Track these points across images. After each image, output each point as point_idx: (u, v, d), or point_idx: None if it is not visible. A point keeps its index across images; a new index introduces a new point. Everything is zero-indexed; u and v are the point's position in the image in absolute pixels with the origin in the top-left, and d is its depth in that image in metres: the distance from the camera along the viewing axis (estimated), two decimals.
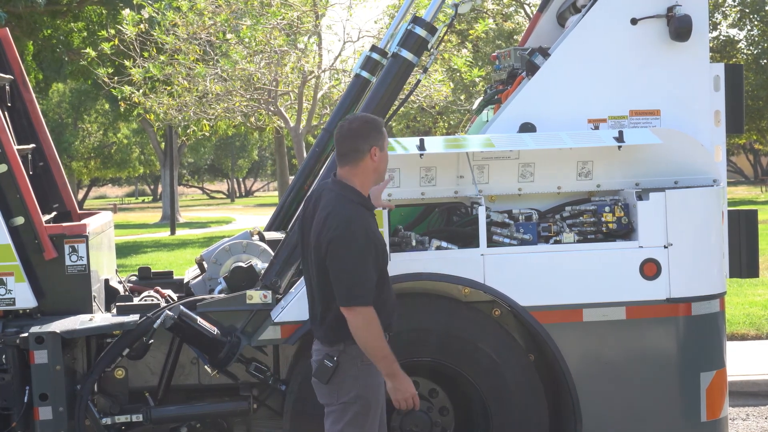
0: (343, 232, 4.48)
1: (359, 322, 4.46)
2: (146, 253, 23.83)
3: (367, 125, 4.61)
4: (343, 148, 4.62)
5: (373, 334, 4.47)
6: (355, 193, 4.59)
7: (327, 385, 4.61)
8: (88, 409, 5.52)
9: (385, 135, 4.66)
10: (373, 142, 4.58)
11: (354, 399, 4.57)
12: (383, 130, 4.65)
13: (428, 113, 27.07)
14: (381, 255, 4.58)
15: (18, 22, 23.51)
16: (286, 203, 6.79)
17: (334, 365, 4.56)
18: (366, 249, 4.49)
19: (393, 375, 4.52)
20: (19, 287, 5.68)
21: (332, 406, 4.62)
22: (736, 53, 39.10)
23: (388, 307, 4.67)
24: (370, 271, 4.50)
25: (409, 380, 4.56)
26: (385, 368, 4.52)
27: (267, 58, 17.25)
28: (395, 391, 4.53)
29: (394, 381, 4.53)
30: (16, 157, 5.84)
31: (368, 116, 4.75)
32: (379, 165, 4.62)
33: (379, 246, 4.57)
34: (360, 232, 4.48)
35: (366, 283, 4.48)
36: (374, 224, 4.61)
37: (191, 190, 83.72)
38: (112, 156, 50.67)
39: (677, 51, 5.69)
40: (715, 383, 5.61)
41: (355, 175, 4.60)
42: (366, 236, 4.49)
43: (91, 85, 28.66)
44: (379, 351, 4.49)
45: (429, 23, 5.72)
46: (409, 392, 4.54)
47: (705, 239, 5.60)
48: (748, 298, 12.50)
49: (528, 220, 5.57)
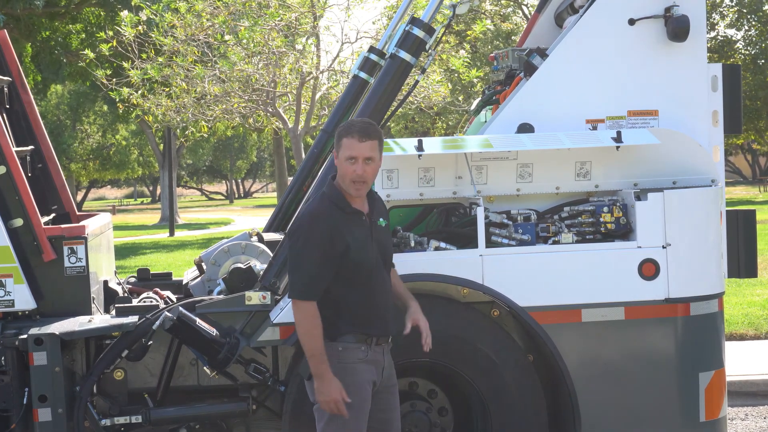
0: (298, 226, 4.68)
1: (297, 315, 4.62)
2: (145, 255, 23.82)
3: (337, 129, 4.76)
4: None
5: (307, 329, 4.58)
6: (334, 191, 4.70)
7: (309, 382, 4.70)
8: (87, 410, 5.51)
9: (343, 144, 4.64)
10: (335, 147, 4.73)
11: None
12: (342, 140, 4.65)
13: (426, 114, 27.07)
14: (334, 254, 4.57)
15: (16, 23, 23.52)
16: (285, 204, 6.79)
17: None
18: (312, 244, 4.56)
19: (319, 376, 4.59)
20: (18, 289, 5.68)
21: (315, 403, 4.70)
22: (734, 53, 39.14)
23: (376, 313, 4.70)
24: (316, 267, 4.57)
25: (335, 386, 4.57)
26: (312, 367, 4.60)
27: (265, 59, 17.25)
28: (318, 393, 4.60)
29: (319, 382, 4.59)
30: (15, 159, 5.84)
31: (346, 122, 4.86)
32: (340, 169, 4.69)
33: (335, 244, 4.58)
34: (310, 226, 4.59)
35: (307, 279, 4.58)
36: (342, 224, 4.62)
37: (190, 192, 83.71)
38: (110, 157, 50.66)
39: (675, 51, 5.70)
40: (714, 383, 5.61)
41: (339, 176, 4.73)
42: (316, 231, 4.57)
43: (89, 86, 28.66)
44: (308, 348, 4.59)
45: (427, 24, 5.73)
46: (332, 396, 4.56)
47: (703, 239, 5.60)
48: (746, 298, 12.51)
49: (526, 220, 5.57)
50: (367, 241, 4.70)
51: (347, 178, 4.65)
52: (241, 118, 19.16)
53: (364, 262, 4.67)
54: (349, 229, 4.65)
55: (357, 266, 4.65)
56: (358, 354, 4.67)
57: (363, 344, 4.68)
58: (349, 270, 4.63)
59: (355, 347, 4.66)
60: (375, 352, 4.72)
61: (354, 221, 4.68)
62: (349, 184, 4.66)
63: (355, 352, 4.67)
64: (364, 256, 4.67)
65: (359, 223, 4.70)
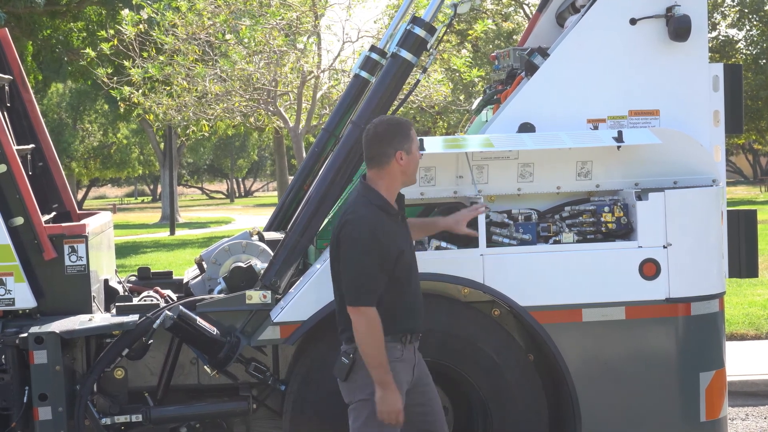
0: (351, 232, 4.56)
1: (361, 323, 4.54)
2: (146, 254, 23.83)
3: (392, 129, 4.69)
4: (369, 152, 4.71)
5: (371, 337, 4.52)
6: (376, 195, 4.66)
7: (346, 383, 4.68)
8: (87, 409, 5.52)
9: (413, 137, 4.71)
10: (398, 146, 4.66)
11: (369, 396, 4.60)
12: (410, 132, 4.71)
13: (427, 113, 27.05)
14: (390, 260, 4.59)
15: (17, 22, 23.52)
16: (286, 203, 6.80)
17: (349, 362, 4.64)
18: (371, 251, 4.53)
19: (383, 384, 4.54)
20: (19, 287, 5.68)
21: (352, 404, 4.70)
22: (735, 53, 39.13)
23: (412, 310, 4.72)
24: (375, 273, 4.54)
25: (398, 395, 4.56)
26: (376, 376, 4.55)
27: (266, 58, 17.25)
28: (381, 402, 4.54)
29: (382, 391, 4.54)
30: (16, 158, 5.84)
31: (394, 119, 4.80)
32: (407, 168, 4.70)
33: (390, 250, 4.59)
34: (368, 233, 4.54)
35: (368, 285, 4.53)
36: (391, 228, 4.64)
37: (191, 191, 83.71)
38: (111, 156, 50.68)
39: (676, 51, 5.70)
40: (715, 383, 5.61)
41: (381, 178, 4.68)
42: (373, 238, 4.54)
43: (90, 85, 28.66)
44: (372, 357, 4.54)
45: (428, 23, 5.72)
46: (395, 407, 4.54)
47: (704, 239, 5.60)
48: (747, 298, 12.51)
49: (527, 220, 5.57)
50: (409, 241, 4.79)
51: (416, 166, 4.73)
52: (242, 117, 19.16)
53: (410, 263, 4.72)
54: (397, 232, 4.68)
55: (404, 268, 4.67)
56: (395, 353, 4.64)
57: (399, 343, 4.67)
58: (397, 272, 4.64)
59: (392, 346, 4.63)
60: (408, 351, 4.73)
61: (397, 223, 4.72)
62: (414, 174, 4.74)
63: (392, 351, 4.63)
64: (410, 257, 4.73)
65: (400, 224, 4.75)
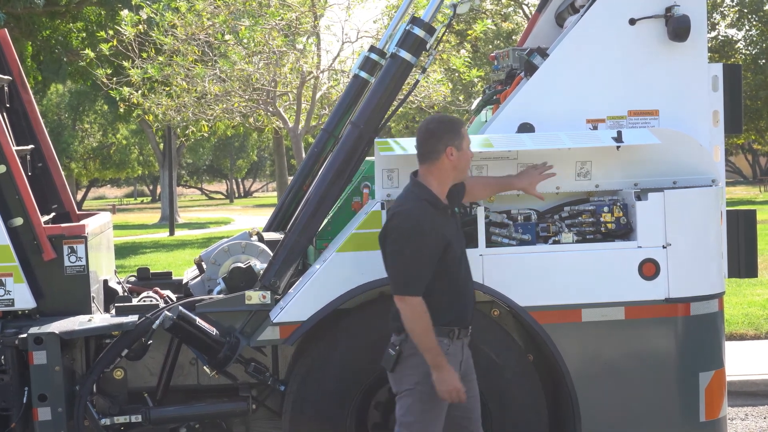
0: (399, 224, 4.72)
1: (407, 312, 4.69)
2: (145, 254, 23.82)
3: (443, 126, 4.85)
4: (420, 148, 4.86)
5: (420, 324, 4.67)
6: (424, 190, 4.79)
7: (393, 374, 4.83)
8: (87, 409, 5.52)
9: (464, 135, 4.87)
10: (449, 142, 4.79)
11: (413, 386, 4.75)
12: (461, 130, 4.86)
13: (427, 113, 27.06)
14: (436, 251, 4.71)
15: (17, 22, 23.50)
16: (285, 204, 6.79)
17: (396, 353, 4.78)
18: (418, 242, 4.68)
19: (437, 367, 4.68)
20: (18, 288, 5.68)
21: (398, 394, 4.83)
22: (735, 53, 39.16)
23: (461, 302, 4.85)
24: (420, 263, 4.69)
25: (454, 374, 4.72)
26: (430, 360, 4.68)
27: (266, 58, 17.25)
28: (439, 383, 4.70)
29: (438, 373, 4.68)
30: (15, 158, 5.84)
31: (446, 117, 4.99)
32: (458, 164, 4.83)
33: (437, 242, 4.72)
34: (413, 226, 4.69)
35: (414, 275, 4.68)
36: (439, 221, 4.76)
37: (190, 191, 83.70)
38: (110, 157, 50.69)
39: (676, 51, 5.69)
40: (714, 383, 5.61)
41: (431, 173, 4.82)
42: (419, 231, 4.68)
43: (89, 86, 28.63)
44: (423, 343, 4.68)
45: (427, 23, 5.72)
46: (453, 386, 4.69)
47: (704, 239, 5.60)
48: (746, 298, 12.51)
49: (527, 220, 5.57)
50: (459, 235, 4.92)
51: (468, 163, 4.89)
52: (242, 118, 19.16)
53: (458, 256, 4.84)
54: (445, 225, 4.80)
55: (452, 261, 4.79)
56: (441, 347, 4.74)
57: (446, 338, 4.78)
58: (444, 264, 4.77)
59: (438, 341, 4.74)
60: (455, 346, 4.83)
61: (445, 217, 4.84)
62: (465, 170, 4.91)
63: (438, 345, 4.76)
64: (458, 251, 4.85)
65: (449, 218, 4.87)
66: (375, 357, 5.07)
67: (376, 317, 5.42)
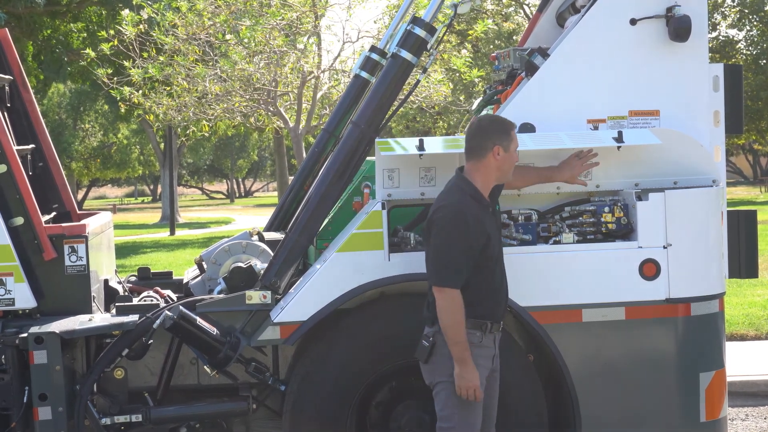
0: (442, 216, 4.84)
1: (442, 302, 4.78)
2: (146, 254, 23.82)
3: (494, 125, 4.98)
4: (469, 143, 4.98)
5: (452, 316, 4.77)
6: (469, 186, 4.91)
7: (427, 365, 4.92)
8: (87, 409, 5.52)
9: (513, 137, 4.96)
10: (497, 142, 4.91)
11: (448, 378, 4.82)
12: (511, 132, 4.96)
13: (428, 113, 27.07)
14: (477, 245, 4.81)
15: (17, 22, 23.50)
16: (286, 203, 6.79)
17: (429, 345, 4.88)
18: (459, 235, 4.78)
19: (461, 361, 4.77)
20: (19, 287, 5.68)
21: (432, 386, 4.92)
22: (736, 53, 39.12)
23: (495, 298, 4.94)
24: (461, 255, 4.79)
25: (476, 373, 4.79)
26: (456, 353, 4.78)
27: (266, 58, 17.25)
28: (459, 378, 4.78)
29: (461, 368, 4.77)
30: (16, 158, 5.84)
31: (498, 117, 5.12)
32: (503, 164, 4.94)
33: (478, 236, 4.81)
34: (457, 218, 4.80)
35: (455, 267, 4.78)
36: (482, 215, 4.86)
37: (191, 191, 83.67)
38: (111, 156, 50.65)
39: (676, 51, 5.69)
40: (715, 383, 5.60)
41: (477, 170, 4.94)
42: (462, 223, 4.79)
43: (90, 85, 28.64)
44: (453, 335, 4.77)
45: (428, 23, 5.72)
46: (472, 383, 4.77)
47: (704, 240, 5.60)
48: (747, 298, 12.50)
49: (527, 220, 5.57)
50: (498, 232, 5.01)
51: (512, 166, 4.99)
52: (242, 118, 19.16)
53: (496, 252, 4.94)
54: (486, 221, 4.89)
55: (490, 256, 4.88)
56: (473, 339, 4.85)
57: (478, 330, 4.87)
58: (483, 258, 4.85)
59: (471, 333, 4.83)
60: (488, 338, 4.92)
61: (487, 213, 4.92)
62: (509, 172, 5.01)
63: (470, 337, 4.84)
64: (497, 247, 4.94)
65: (490, 215, 4.96)
66: (375, 357, 5.07)
67: (377, 317, 5.42)
